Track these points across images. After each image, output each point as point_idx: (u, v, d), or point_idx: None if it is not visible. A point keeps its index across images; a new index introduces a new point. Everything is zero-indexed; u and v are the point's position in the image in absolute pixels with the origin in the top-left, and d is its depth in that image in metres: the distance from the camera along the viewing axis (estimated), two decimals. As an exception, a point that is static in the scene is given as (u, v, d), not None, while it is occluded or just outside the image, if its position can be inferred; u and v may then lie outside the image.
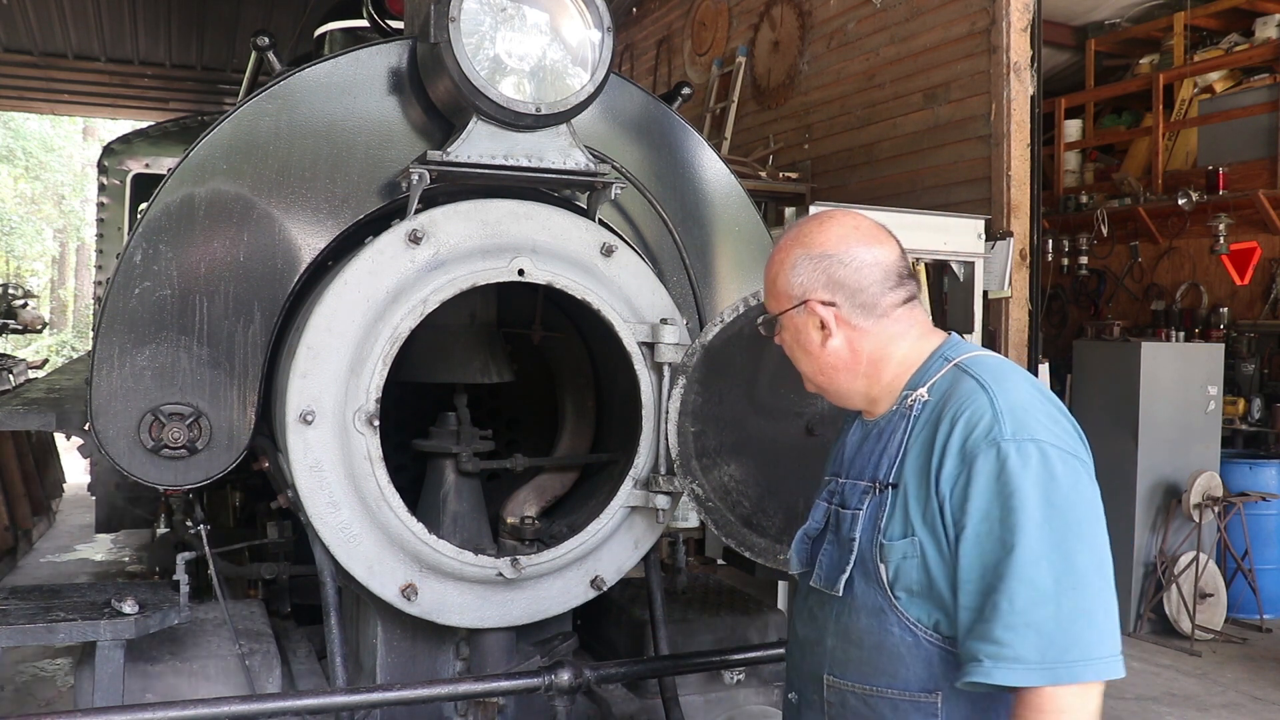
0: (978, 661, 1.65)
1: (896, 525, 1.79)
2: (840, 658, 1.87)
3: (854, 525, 1.86)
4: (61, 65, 13.40)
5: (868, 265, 1.90)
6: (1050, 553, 1.63)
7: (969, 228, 6.78)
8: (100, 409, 2.71)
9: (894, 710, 1.80)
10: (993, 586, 1.65)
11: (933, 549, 1.75)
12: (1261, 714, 5.93)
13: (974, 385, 1.78)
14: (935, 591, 1.75)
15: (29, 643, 2.65)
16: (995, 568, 1.66)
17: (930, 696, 1.77)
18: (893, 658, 1.79)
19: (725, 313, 2.73)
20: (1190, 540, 7.32)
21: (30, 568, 8.60)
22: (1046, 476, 1.67)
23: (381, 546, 2.68)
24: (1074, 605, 1.63)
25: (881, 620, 1.80)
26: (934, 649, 1.77)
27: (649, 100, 3.29)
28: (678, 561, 3.71)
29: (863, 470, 1.91)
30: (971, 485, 1.69)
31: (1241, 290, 9.37)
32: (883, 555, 1.80)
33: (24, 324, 12.77)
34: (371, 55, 2.93)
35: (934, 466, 1.75)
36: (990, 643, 1.64)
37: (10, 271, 27.99)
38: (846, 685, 1.86)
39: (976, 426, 1.71)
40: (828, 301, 1.90)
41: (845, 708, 1.86)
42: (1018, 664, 1.62)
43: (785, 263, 1.96)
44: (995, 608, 1.64)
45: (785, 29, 9.47)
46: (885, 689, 1.80)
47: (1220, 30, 10.14)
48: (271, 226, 2.82)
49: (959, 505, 1.71)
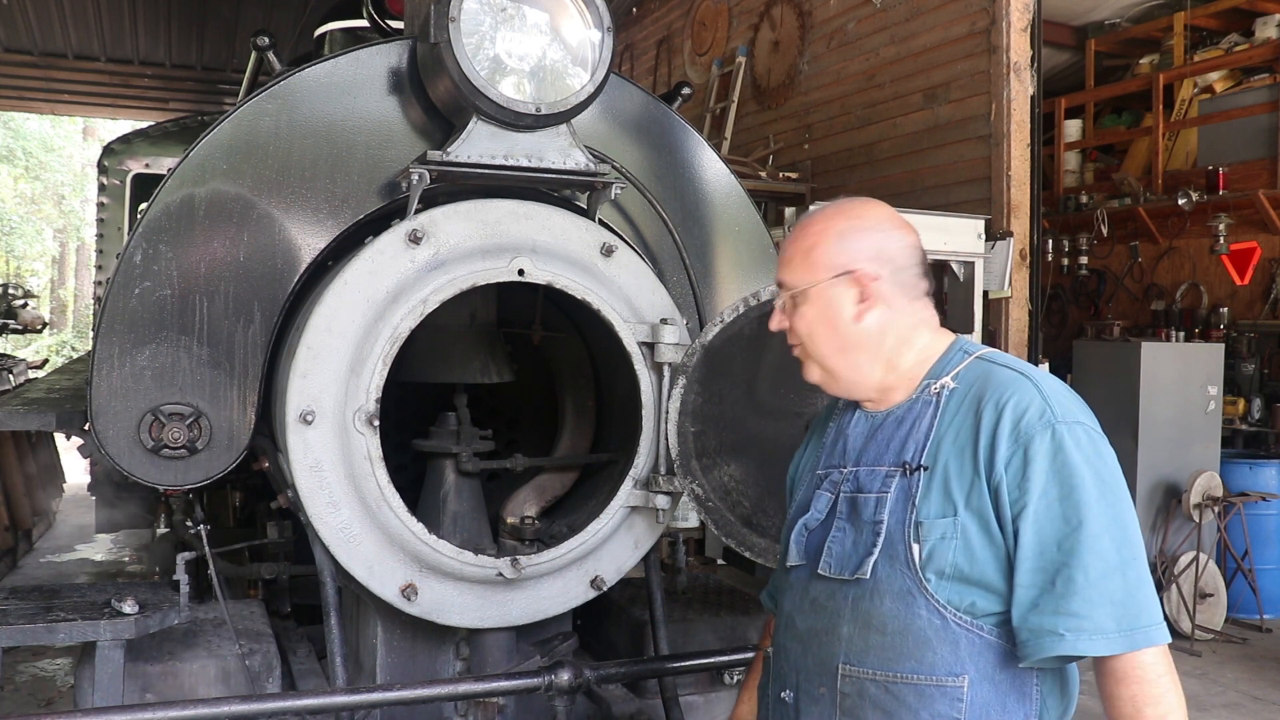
0: (1057, 635, 1.69)
1: (933, 506, 1.81)
2: (859, 645, 1.85)
3: (879, 508, 1.86)
4: (61, 65, 13.40)
5: (910, 246, 1.94)
6: (1111, 526, 1.72)
7: (969, 228, 6.78)
8: (100, 409, 2.71)
9: (918, 696, 1.79)
10: (1063, 562, 1.71)
11: (978, 530, 1.77)
12: (1261, 714, 5.93)
13: (1013, 374, 1.84)
14: (976, 572, 1.77)
15: (29, 642, 2.65)
16: (1061, 544, 1.72)
17: (957, 680, 1.77)
18: (919, 642, 1.79)
19: (725, 313, 2.73)
20: (1190, 540, 7.32)
21: (30, 568, 8.60)
22: (1095, 456, 1.76)
23: (381, 546, 2.68)
24: (1136, 575, 1.72)
25: (908, 604, 1.80)
26: (962, 631, 1.77)
27: (649, 100, 3.29)
28: (678, 561, 3.71)
29: (880, 456, 1.91)
30: (1030, 466, 1.74)
31: (1241, 290, 9.37)
32: (918, 535, 1.80)
33: (24, 324, 12.76)
34: (371, 55, 2.93)
35: (983, 450, 1.78)
36: (1069, 615, 1.69)
37: (10, 271, 27.99)
38: (866, 673, 1.84)
39: (1027, 411, 1.77)
40: (873, 274, 1.92)
41: (863, 697, 1.84)
42: (1099, 635, 1.68)
43: (828, 232, 1.95)
44: (1070, 581, 1.70)
45: (785, 29, 9.47)
46: (910, 674, 1.80)
47: (1220, 30, 10.14)
48: (271, 226, 2.82)
49: (1016, 485, 1.75)
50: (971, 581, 1.77)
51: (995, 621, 1.77)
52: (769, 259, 3.40)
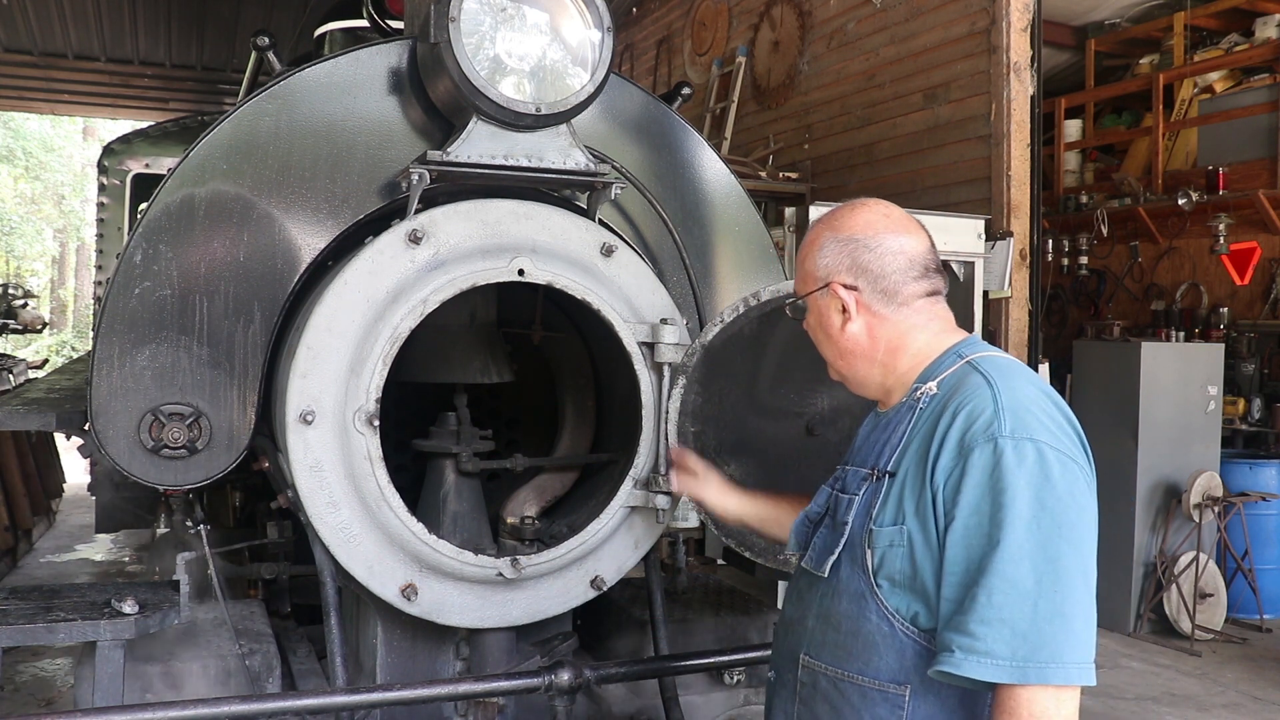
0: (950, 652, 1.66)
1: (888, 513, 1.81)
2: (818, 639, 1.90)
3: (849, 510, 1.89)
4: (61, 65, 13.41)
5: (892, 253, 1.92)
6: (1035, 552, 1.64)
7: (969, 228, 6.79)
8: (100, 409, 2.71)
9: (861, 697, 1.82)
10: (974, 580, 1.66)
11: (920, 539, 1.76)
12: (1261, 714, 5.93)
13: (980, 381, 1.79)
14: (919, 582, 1.76)
15: (29, 643, 2.65)
16: (979, 562, 1.66)
17: (899, 688, 1.78)
18: (867, 645, 1.81)
19: (725, 313, 2.73)
20: (1190, 540, 7.32)
21: (30, 568, 8.60)
22: (1041, 477, 1.67)
23: (381, 546, 2.68)
24: (1051, 607, 1.63)
25: (861, 606, 1.82)
26: (908, 641, 1.78)
27: (649, 100, 3.29)
28: (678, 561, 3.71)
29: (865, 458, 1.94)
30: (965, 478, 1.70)
31: (1241, 290, 9.37)
32: (870, 541, 1.82)
33: (24, 324, 12.78)
34: (371, 55, 2.93)
35: (931, 457, 1.76)
36: (964, 634, 1.65)
37: (10, 271, 28.00)
38: (820, 666, 1.89)
39: (976, 421, 1.72)
40: (849, 285, 1.93)
41: (815, 689, 1.89)
42: (988, 659, 1.62)
43: (814, 245, 2.00)
44: (974, 600, 1.65)
45: (785, 29, 9.47)
46: (856, 675, 1.82)
47: (1220, 30, 10.14)
48: (271, 226, 2.82)
49: (951, 497, 1.72)
50: (915, 591, 1.77)
51: None
52: (769, 259, 3.41)
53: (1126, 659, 6.82)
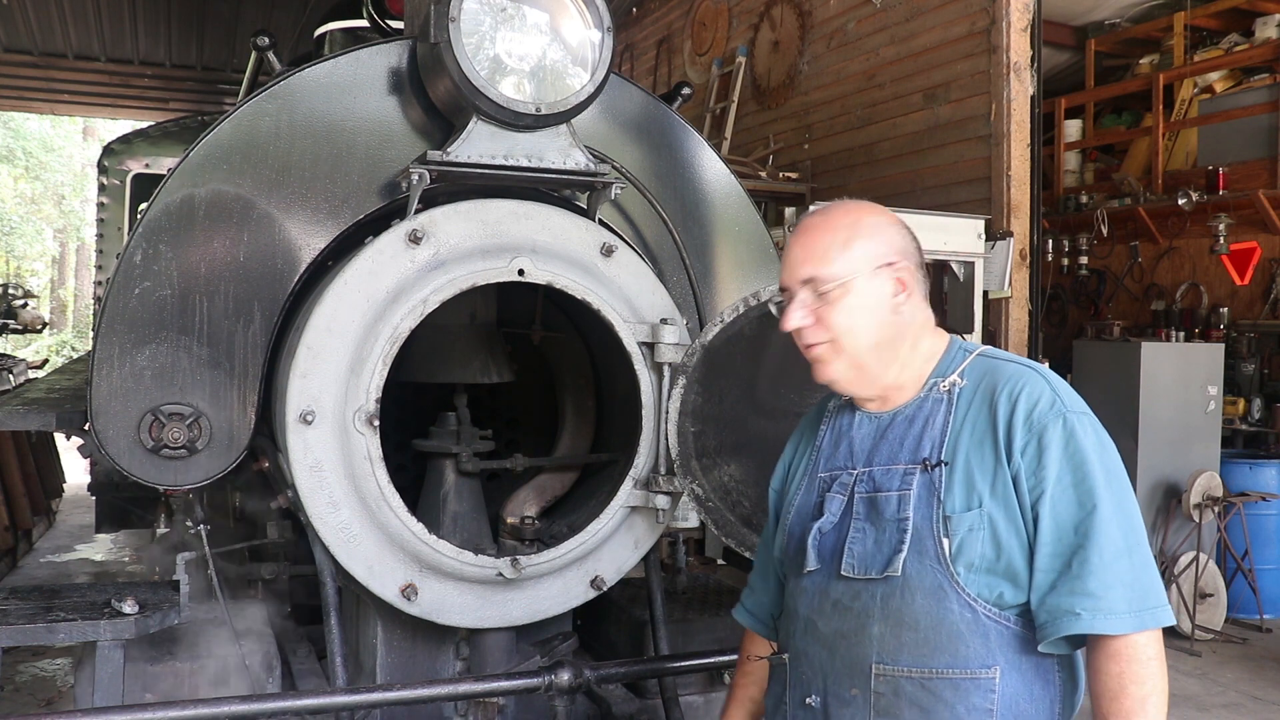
0: (1074, 615, 1.74)
1: (958, 499, 1.83)
2: (891, 644, 1.85)
3: (903, 505, 1.87)
4: (61, 65, 13.41)
5: (909, 239, 1.99)
6: (1117, 512, 1.78)
7: (969, 228, 6.78)
8: (100, 409, 2.71)
9: (954, 690, 1.81)
10: (1079, 545, 1.76)
11: (1004, 519, 1.81)
12: (1261, 714, 5.93)
13: (1020, 368, 1.90)
14: (1002, 562, 1.80)
15: (29, 642, 2.65)
16: (1075, 527, 1.77)
17: (989, 672, 1.80)
18: (953, 636, 1.81)
19: (725, 313, 2.73)
20: (1190, 540, 7.32)
21: (30, 568, 8.60)
22: (1099, 445, 1.83)
23: (381, 546, 2.68)
24: (1141, 558, 1.78)
25: (940, 599, 1.82)
26: (990, 623, 1.81)
27: (649, 100, 3.29)
28: (678, 561, 3.71)
29: (895, 455, 1.93)
30: (1045, 453, 1.80)
31: (1241, 290, 9.37)
32: (947, 529, 1.82)
33: (24, 324, 12.78)
34: (371, 55, 2.93)
35: (1002, 439, 1.83)
36: (1086, 596, 1.74)
37: (10, 271, 28.00)
38: (900, 671, 1.84)
39: (1039, 401, 1.83)
40: (905, 266, 1.96)
41: (899, 696, 1.84)
42: (1113, 614, 1.73)
43: (862, 224, 1.95)
44: (1085, 563, 1.75)
45: (785, 29, 9.46)
46: (945, 669, 1.81)
47: (1220, 30, 10.14)
48: (271, 226, 2.82)
49: (1032, 471, 1.80)
50: (998, 572, 1.81)
51: (1018, 611, 1.82)
52: (769, 259, 3.40)
53: (1126, 659, 6.79)
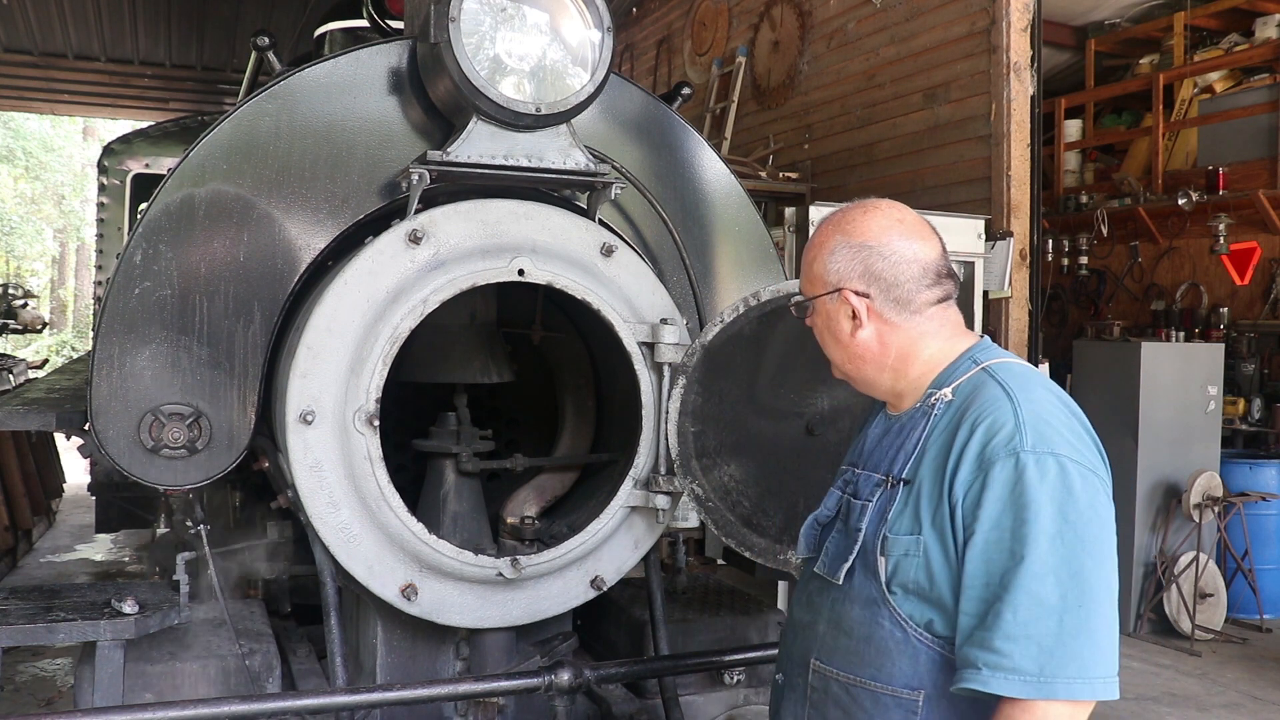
0: (975, 669, 1.65)
1: (904, 521, 1.80)
2: (829, 644, 1.89)
3: (862, 516, 1.87)
4: (61, 65, 13.41)
5: (906, 260, 1.88)
6: (1059, 568, 1.64)
7: (969, 228, 6.78)
8: (100, 409, 2.71)
9: (874, 702, 1.81)
10: (997, 596, 1.65)
11: (938, 551, 1.75)
12: (1261, 714, 5.93)
13: (999, 393, 1.77)
14: (934, 592, 1.75)
15: (29, 642, 2.65)
16: (1001, 577, 1.66)
17: (912, 694, 1.77)
18: (880, 651, 1.80)
19: (725, 313, 2.73)
20: (1190, 540, 7.32)
21: (30, 568, 8.60)
22: (1064, 491, 1.67)
23: (381, 546, 2.68)
24: (1077, 622, 1.63)
25: (874, 613, 1.81)
26: (922, 647, 1.77)
27: (649, 100, 3.29)
28: (678, 561, 3.71)
29: (879, 463, 1.92)
30: (986, 492, 1.69)
31: (1241, 290, 9.37)
32: (884, 549, 1.81)
33: (24, 324, 12.77)
34: (371, 55, 2.93)
35: (949, 469, 1.75)
36: (990, 651, 1.64)
37: (10, 271, 28.00)
38: (831, 672, 1.88)
39: (997, 434, 1.71)
40: (861, 292, 1.89)
41: (827, 694, 1.88)
42: (1014, 675, 1.62)
43: (824, 247, 1.94)
44: (998, 617, 1.64)
45: (785, 29, 9.46)
46: (869, 680, 1.82)
47: (1220, 30, 10.14)
48: (271, 227, 2.82)
49: (971, 511, 1.70)
50: (930, 600, 1.76)
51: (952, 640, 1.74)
52: (769, 259, 3.41)
53: (1126, 659, 6.80)
